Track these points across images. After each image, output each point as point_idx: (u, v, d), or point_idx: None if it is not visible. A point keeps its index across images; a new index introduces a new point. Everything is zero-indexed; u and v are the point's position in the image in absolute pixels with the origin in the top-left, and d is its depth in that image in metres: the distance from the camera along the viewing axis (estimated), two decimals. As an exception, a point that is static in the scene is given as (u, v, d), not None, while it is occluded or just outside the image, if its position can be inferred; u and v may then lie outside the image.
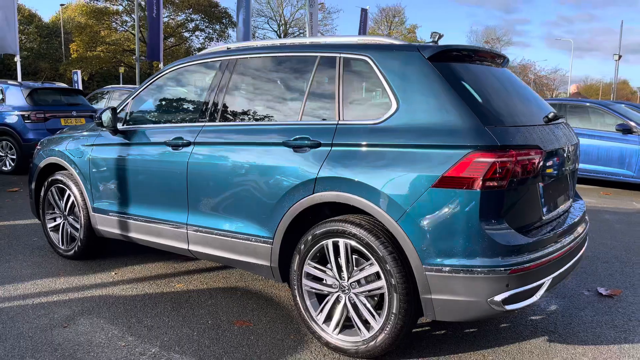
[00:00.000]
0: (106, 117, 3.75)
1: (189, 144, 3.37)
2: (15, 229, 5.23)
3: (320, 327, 2.84)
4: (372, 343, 2.64)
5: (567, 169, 3.03)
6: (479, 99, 2.62)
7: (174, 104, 3.86)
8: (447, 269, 2.42)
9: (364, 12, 24.15)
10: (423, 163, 2.49)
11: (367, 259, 2.65)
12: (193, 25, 42.27)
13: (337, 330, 2.79)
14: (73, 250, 4.23)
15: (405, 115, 2.62)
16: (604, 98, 45.27)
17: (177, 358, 2.73)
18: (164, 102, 3.88)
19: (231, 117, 3.33)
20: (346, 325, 2.79)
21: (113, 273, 4.01)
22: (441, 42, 2.97)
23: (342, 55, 2.92)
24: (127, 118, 3.87)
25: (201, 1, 39.61)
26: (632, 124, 8.39)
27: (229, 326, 3.12)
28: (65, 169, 4.23)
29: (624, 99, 52.41)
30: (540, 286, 2.52)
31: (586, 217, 3.32)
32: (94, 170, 3.93)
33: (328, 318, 2.82)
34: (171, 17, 40.79)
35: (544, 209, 2.75)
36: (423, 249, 2.46)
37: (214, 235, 3.27)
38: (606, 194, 8.31)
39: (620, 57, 38.20)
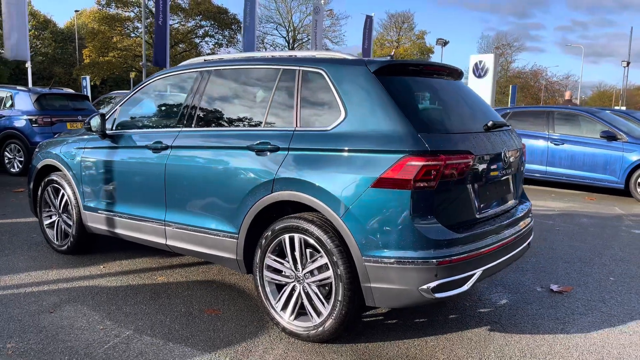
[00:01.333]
0: (95, 122, 4.10)
1: (167, 147, 3.70)
2: (17, 226, 5.60)
3: (278, 314, 3.14)
4: (321, 328, 2.94)
5: (506, 173, 3.30)
6: (417, 109, 2.92)
7: (156, 110, 4.20)
8: (383, 260, 2.70)
9: (369, 18, 24.42)
10: (364, 166, 2.78)
11: (318, 252, 2.95)
12: (203, 31, 42.94)
13: (293, 316, 3.08)
14: (66, 246, 4.58)
15: (351, 122, 2.92)
16: (616, 105, 44.92)
17: (147, 340, 3.04)
18: (147, 109, 4.23)
19: (204, 123, 3.65)
20: (300, 312, 3.08)
21: (101, 266, 4.34)
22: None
23: (301, 68, 3.23)
24: (115, 123, 4.21)
25: (211, 8, 40.23)
26: (617, 131, 8.59)
27: (200, 314, 3.43)
28: (59, 170, 4.58)
29: (637, 105, 51.94)
30: (470, 277, 2.80)
31: (530, 215, 3.59)
32: (84, 171, 4.27)
33: (285, 306, 3.12)
34: (181, 23, 41.45)
35: (477, 208, 3.02)
36: (363, 242, 2.75)
37: (187, 231, 3.58)
38: (591, 199, 8.51)
39: (628, 63, 38.12)
